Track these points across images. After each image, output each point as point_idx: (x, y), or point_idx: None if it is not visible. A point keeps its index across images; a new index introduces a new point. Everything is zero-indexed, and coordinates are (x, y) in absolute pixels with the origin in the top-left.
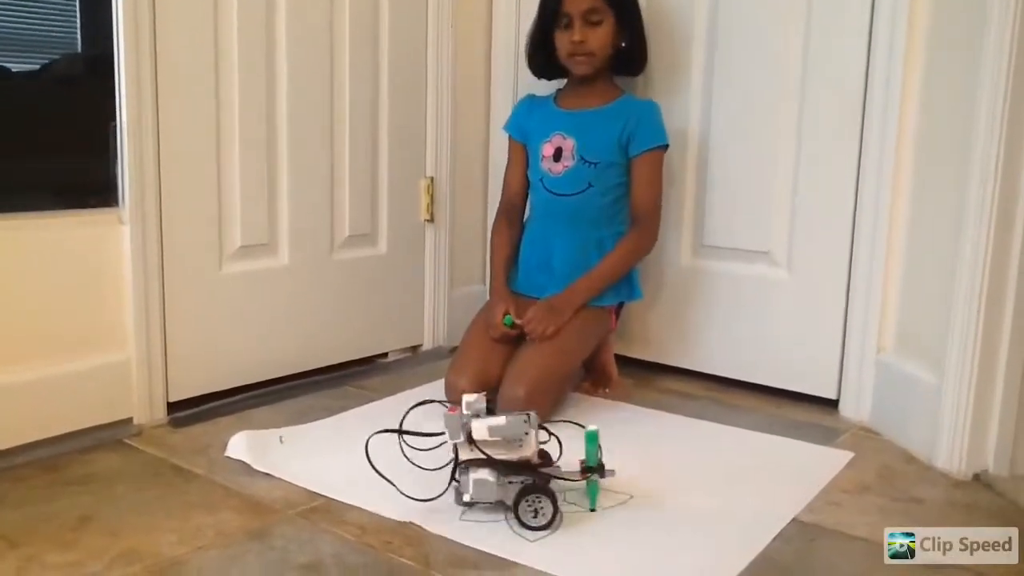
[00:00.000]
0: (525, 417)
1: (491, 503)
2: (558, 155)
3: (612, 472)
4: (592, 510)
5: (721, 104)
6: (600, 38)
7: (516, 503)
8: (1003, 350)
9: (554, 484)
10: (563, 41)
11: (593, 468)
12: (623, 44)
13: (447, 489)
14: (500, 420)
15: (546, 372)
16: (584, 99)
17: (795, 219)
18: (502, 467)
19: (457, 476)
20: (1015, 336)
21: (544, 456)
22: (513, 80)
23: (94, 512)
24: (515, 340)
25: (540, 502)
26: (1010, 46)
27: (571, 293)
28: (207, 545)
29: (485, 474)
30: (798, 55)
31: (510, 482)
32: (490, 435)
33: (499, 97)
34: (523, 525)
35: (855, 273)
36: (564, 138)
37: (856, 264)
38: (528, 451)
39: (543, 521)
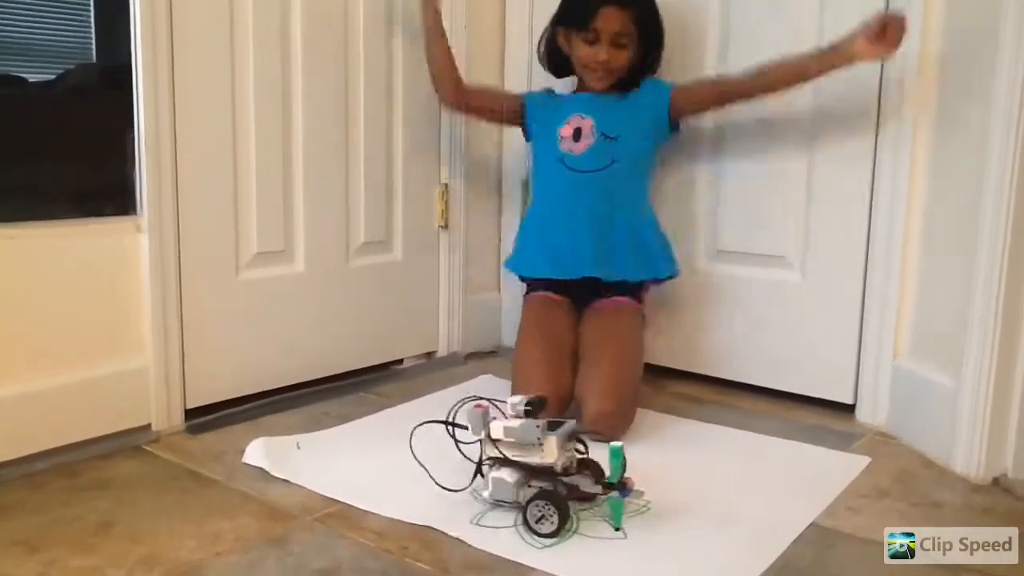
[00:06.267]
0: (538, 423)
1: (509, 503)
2: (577, 135)
3: (641, 493)
4: (616, 529)
5: (734, 106)
6: (623, 60)
7: (525, 507)
8: (1021, 352)
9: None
10: (586, 54)
11: (613, 485)
12: (637, 61)
13: (472, 483)
14: (514, 423)
15: (625, 384)
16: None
17: (809, 222)
18: (526, 470)
19: (483, 472)
20: None
21: (589, 466)
22: (526, 86)
23: (114, 517)
24: (570, 348)
25: (548, 510)
26: None
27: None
28: (226, 551)
29: (504, 474)
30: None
31: (529, 486)
32: (505, 435)
33: None
34: (529, 530)
35: (871, 276)
36: (583, 118)
37: (872, 267)
38: (551, 457)
39: (548, 529)
